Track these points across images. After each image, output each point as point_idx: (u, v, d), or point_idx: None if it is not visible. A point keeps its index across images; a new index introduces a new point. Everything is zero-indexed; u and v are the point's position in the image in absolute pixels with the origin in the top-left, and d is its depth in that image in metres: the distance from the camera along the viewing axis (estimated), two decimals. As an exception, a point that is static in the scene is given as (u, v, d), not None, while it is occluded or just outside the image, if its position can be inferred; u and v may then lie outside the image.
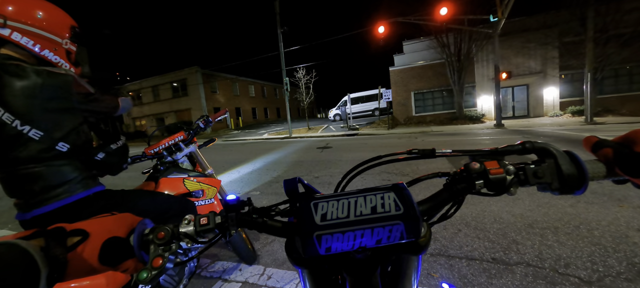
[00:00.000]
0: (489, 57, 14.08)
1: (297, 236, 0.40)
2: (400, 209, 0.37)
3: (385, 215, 0.37)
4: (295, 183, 0.46)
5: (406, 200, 0.38)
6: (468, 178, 0.43)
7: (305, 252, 0.37)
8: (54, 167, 0.93)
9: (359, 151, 7.26)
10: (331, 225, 0.36)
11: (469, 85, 15.13)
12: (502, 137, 8.43)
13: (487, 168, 0.42)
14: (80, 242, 0.36)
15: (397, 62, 17.72)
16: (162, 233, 0.40)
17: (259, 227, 0.44)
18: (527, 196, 2.87)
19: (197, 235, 0.42)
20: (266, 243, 2.33)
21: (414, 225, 0.36)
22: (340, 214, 0.37)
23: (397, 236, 0.37)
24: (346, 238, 0.36)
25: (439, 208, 0.44)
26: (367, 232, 0.36)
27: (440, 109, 16.56)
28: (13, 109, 0.85)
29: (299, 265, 0.43)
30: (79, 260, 0.35)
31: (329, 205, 0.38)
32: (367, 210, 0.37)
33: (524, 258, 1.81)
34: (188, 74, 24.47)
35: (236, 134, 19.36)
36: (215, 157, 8.31)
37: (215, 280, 1.86)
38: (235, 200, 0.44)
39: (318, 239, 0.36)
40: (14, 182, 0.93)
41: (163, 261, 0.38)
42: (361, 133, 12.60)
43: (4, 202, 4.93)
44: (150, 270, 0.37)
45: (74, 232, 0.36)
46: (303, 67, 18.37)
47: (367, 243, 0.37)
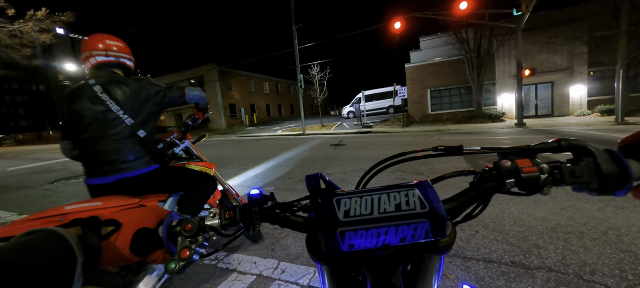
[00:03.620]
0: (511, 53, 13.49)
1: (319, 232, 0.40)
2: (426, 207, 0.36)
3: (410, 213, 0.36)
4: (318, 179, 0.45)
5: (432, 198, 0.37)
6: (498, 176, 0.41)
7: (327, 248, 0.37)
8: (130, 146, 1.37)
9: (372, 149, 7.19)
10: (355, 222, 0.36)
11: (488, 83, 14.59)
12: (523, 136, 8.09)
13: (519, 166, 0.40)
14: (114, 231, 0.37)
15: (413, 59, 17.34)
16: (189, 226, 0.41)
17: (281, 222, 0.44)
18: (550, 199, 2.75)
19: (221, 228, 0.43)
20: (280, 238, 2.37)
21: (439, 223, 0.35)
22: (363, 211, 0.37)
23: (422, 234, 0.36)
24: (370, 235, 0.36)
25: (464, 208, 0.43)
26: (391, 229, 0.36)
27: (457, 106, 16.08)
28: (121, 103, 1.34)
29: (320, 260, 0.42)
30: (112, 249, 0.37)
31: (352, 202, 0.38)
32: (391, 207, 0.37)
33: (546, 263, 1.74)
34: (205, 71, 25.08)
35: (250, 130, 19.68)
36: (230, 152, 8.49)
37: (231, 271, 1.92)
38: (259, 194, 0.45)
39: (341, 235, 0.36)
40: (103, 152, 1.32)
41: (190, 253, 0.39)
42: (375, 131, 12.47)
43: (36, 190, 5.29)
44: (178, 261, 0.38)
45: (107, 221, 0.38)
46: (317, 64, 18.37)
47: (391, 241, 0.36)
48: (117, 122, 1.34)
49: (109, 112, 1.33)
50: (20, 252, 0.27)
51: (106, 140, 1.33)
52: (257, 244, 2.28)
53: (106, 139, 1.33)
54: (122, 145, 1.35)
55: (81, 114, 1.33)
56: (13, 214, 3.81)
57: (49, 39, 11.02)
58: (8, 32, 10.16)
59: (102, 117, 1.33)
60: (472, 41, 13.54)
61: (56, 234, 0.31)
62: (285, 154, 7.34)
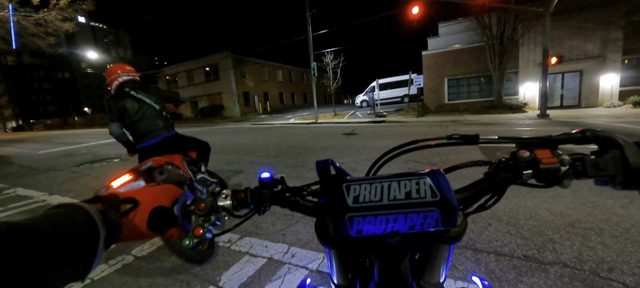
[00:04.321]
0: (536, 40, 12.71)
1: (328, 216, 0.40)
2: (437, 196, 0.36)
3: (420, 201, 0.36)
4: (328, 165, 0.45)
5: (443, 187, 0.36)
6: (515, 167, 0.40)
7: (336, 233, 0.37)
8: (161, 122, 2.33)
9: (385, 138, 7.11)
10: (363, 208, 0.36)
11: (510, 71, 13.87)
12: (545, 128, 7.72)
13: (538, 157, 0.38)
14: (132, 209, 0.39)
15: (431, 46, 16.71)
16: (203, 205, 0.43)
17: (291, 206, 0.45)
18: (570, 193, 2.64)
19: (233, 209, 0.45)
20: (291, 224, 2.42)
21: (450, 213, 0.35)
22: (373, 197, 0.37)
23: (431, 223, 0.36)
24: (378, 221, 0.36)
25: (477, 198, 0.42)
26: (400, 216, 0.36)
27: (476, 96, 15.47)
28: (150, 97, 2.31)
29: (328, 244, 0.43)
30: (130, 225, 0.39)
31: (362, 188, 0.38)
32: (401, 195, 0.37)
33: (561, 259, 1.69)
34: (219, 58, 25.31)
35: (264, 118, 19.87)
36: (244, 140, 8.65)
37: (243, 254, 1.99)
38: (269, 178, 0.46)
39: (350, 221, 0.36)
40: (147, 126, 2.27)
41: (203, 231, 0.41)
42: (388, 120, 12.28)
43: (63, 173, 5.63)
44: (192, 238, 0.40)
45: (126, 199, 0.40)
46: (331, 52, 18.10)
47: (400, 228, 0.36)
48: (151, 109, 2.31)
49: (145, 104, 2.28)
50: (51, 224, 0.29)
51: (147, 120, 2.28)
52: (266, 230, 2.35)
53: (147, 119, 2.28)
54: (156, 121, 2.32)
55: (126, 108, 2.22)
56: (45, 194, 4.10)
57: (72, 28, 11.43)
58: (34, 20, 10.61)
59: (142, 107, 2.27)
60: (495, 27, 12.81)
61: (82, 209, 0.33)
62: (297, 142, 7.39)
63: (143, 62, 69.36)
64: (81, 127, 32.34)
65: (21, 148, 11.90)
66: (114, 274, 1.87)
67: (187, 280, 1.73)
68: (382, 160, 0.54)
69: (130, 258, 2.06)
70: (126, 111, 2.20)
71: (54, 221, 0.30)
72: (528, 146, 0.41)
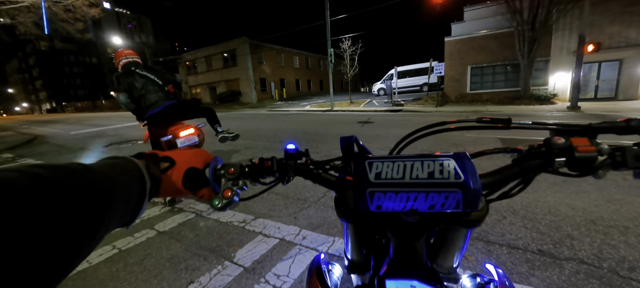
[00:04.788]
0: (572, 25, 11.78)
1: (349, 190, 0.41)
2: (461, 178, 0.35)
3: (442, 182, 0.35)
4: (352, 141, 0.46)
5: (468, 170, 0.36)
6: (547, 154, 0.38)
7: (356, 206, 0.38)
8: (162, 94, 2.72)
9: (401, 128, 6.99)
10: (385, 184, 0.37)
11: (540, 60, 12.99)
12: (575, 121, 7.26)
13: (574, 144, 0.37)
14: (169, 167, 0.43)
15: (455, 32, 15.90)
16: (232, 170, 0.46)
17: (313, 178, 0.46)
18: (595, 189, 2.52)
19: (259, 177, 0.48)
20: (303, 208, 2.49)
21: (473, 195, 0.35)
22: (394, 175, 0.37)
23: (452, 204, 0.35)
24: (399, 198, 0.36)
25: (502, 184, 0.41)
26: (421, 195, 0.36)
27: (500, 86, 14.69)
28: (154, 74, 2.74)
29: (346, 218, 0.44)
30: (168, 181, 0.43)
31: (384, 166, 0.38)
32: (423, 174, 0.36)
33: (578, 255, 1.64)
34: (237, 44, 25.49)
35: (280, 105, 20.01)
36: (261, 126, 8.80)
37: (257, 234, 2.08)
38: (295, 149, 0.47)
39: (370, 196, 0.37)
40: (152, 98, 2.67)
41: (232, 193, 0.44)
42: (405, 109, 12.00)
43: (93, 152, 6.00)
44: (221, 199, 0.44)
45: (164, 158, 0.44)
46: (349, 38, 17.70)
47: (420, 206, 0.36)
48: (154, 83, 2.73)
49: (148, 79, 2.71)
50: (113, 171, 0.32)
51: (151, 93, 2.69)
52: (279, 212, 2.43)
53: (151, 92, 2.69)
54: (159, 93, 2.72)
55: (133, 83, 2.66)
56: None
57: (98, 13, 11.95)
58: (63, 6, 11.13)
59: (146, 82, 2.70)
60: (526, 11, 11.92)
61: (132, 162, 0.36)
62: (311, 129, 7.43)
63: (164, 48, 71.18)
64: (108, 110, 34.08)
65: (55, 128, 12.77)
66: (139, 246, 2.02)
67: (205, 255, 1.85)
68: (408, 140, 0.54)
69: (153, 232, 2.21)
70: (133, 86, 2.66)
71: (114, 169, 0.32)
72: (564, 133, 0.40)
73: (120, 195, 0.31)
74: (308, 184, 2.96)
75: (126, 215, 0.33)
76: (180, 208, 2.63)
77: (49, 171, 0.24)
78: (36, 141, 8.73)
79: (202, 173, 0.45)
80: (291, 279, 1.56)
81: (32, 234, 0.19)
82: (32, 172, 0.22)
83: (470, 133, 5.23)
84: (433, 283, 0.33)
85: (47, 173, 0.23)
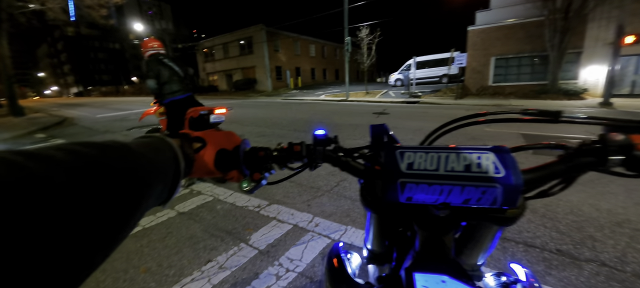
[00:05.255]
0: (610, 15, 10.87)
1: (377, 180, 0.40)
2: (501, 172, 0.33)
3: (481, 176, 0.34)
4: (382, 130, 0.46)
5: (509, 164, 0.34)
6: (601, 151, 0.35)
7: (385, 196, 0.37)
8: (183, 84, 3.21)
9: (417, 120, 6.84)
10: (417, 175, 0.35)
11: (572, 51, 12.15)
12: (606, 118, 6.81)
13: (635, 142, 0.34)
14: (201, 148, 0.44)
15: (480, 20, 15.08)
16: (262, 153, 0.46)
17: (341, 165, 0.45)
18: (624, 191, 2.39)
19: (288, 161, 0.47)
20: (316, 196, 2.53)
21: (513, 192, 0.33)
22: (428, 166, 0.36)
23: (489, 200, 0.34)
24: (432, 190, 0.35)
25: (544, 182, 0.38)
26: (456, 189, 0.34)
27: (526, 79, 13.92)
28: (177, 66, 3.21)
29: (372, 208, 0.42)
30: (201, 161, 0.44)
31: (417, 156, 0.37)
32: (459, 167, 0.35)
33: (600, 257, 1.58)
34: (254, 31, 25.54)
35: (294, 93, 20.03)
36: (276, 114, 8.88)
37: (271, 219, 2.15)
38: (324, 135, 0.46)
39: (402, 186, 0.36)
40: (175, 86, 3.14)
41: (260, 176, 0.45)
42: (423, 101, 11.70)
43: (117, 135, 6.29)
44: (250, 181, 0.44)
45: (196, 138, 0.45)
46: (367, 26, 17.28)
47: (453, 200, 0.35)
48: (177, 74, 3.17)
49: (174, 70, 3.15)
50: (150, 150, 0.32)
51: (175, 83, 3.15)
52: (293, 200, 2.48)
53: (175, 82, 3.15)
54: (180, 84, 3.19)
55: (160, 71, 3.07)
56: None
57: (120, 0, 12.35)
58: (87, -8, 11.56)
59: (172, 72, 3.14)
60: (559, -2, 11.10)
61: (166, 141, 0.37)
62: (326, 119, 7.42)
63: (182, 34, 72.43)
64: (130, 94, 35.44)
65: (82, 111, 13.47)
66: (160, 225, 2.14)
67: (222, 236, 1.93)
68: (442, 131, 0.51)
69: (174, 213, 2.33)
70: (161, 73, 3.08)
71: (151, 148, 0.32)
72: (622, 129, 0.36)
73: (158, 174, 0.31)
74: (321, 173, 2.99)
75: (163, 193, 0.33)
76: (199, 191, 2.75)
77: (91, 149, 0.24)
78: (66, 123, 9.27)
79: (232, 155, 0.45)
80: (304, 263, 1.61)
81: (76, 212, 0.19)
82: (75, 150, 0.22)
83: (490, 127, 5.04)
84: (465, 280, 0.31)
85: (90, 151, 0.23)
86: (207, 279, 1.52)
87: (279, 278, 1.51)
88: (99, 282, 1.52)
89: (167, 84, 3.10)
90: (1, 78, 11.01)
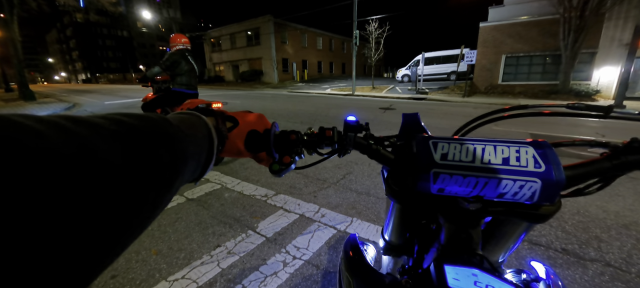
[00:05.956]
0: (628, 15, 10.56)
1: (408, 169, 0.39)
2: (541, 167, 0.32)
3: (520, 169, 0.33)
4: (415, 119, 0.45)
5: (551, 159, 0.33)
6: None
7: (416, 187, 0.36)
8: (196, 81, 3.66)
9: (424, 117, 6.80)
10: (452, 166, 0.34)
11: (586, 52, 11.85)
12: (616, 122, 6.68)
13: None
14: (233, 127, 0.45)
15: (492, 17, 14.74)
16: (294, 136, 0.45)
17: (371, 153, 0.44)
18: (633, 194, 2.37)
19: (318, 146, 0.47)
20: (322, 188, 2.56)
21: (553, 188, 0.32)
22: (463, 157, 0.35)
23: (526, 194, 0.33)
24: (466, 182, 0.34)
25: (584, 179, 0.37)
26: (492, 182, 0.33)
27: (537, 78, 13.65)
28: (196, 63, 3.62)
29: (396, 198, 0.41)
30: (232, 141, 0.44)
31: (451, 147, 0.36)
32: (497, 159, 0.34)
33: (605, 258, 1.59)
34: (261, 22, 25.38)
35: (301, 86, 19.98)
36: (281, 106, 8.89)
37: (278, 208, 2.19)
38: (355, 122, 0.45)
39: (435, 176, 0.35)
40: (192, 81, 3.56)
41: (291, 160, 0.44)
42: (430, 98, 11.60)
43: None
44: (280, 164, 0.44)
45: (229, 117, 0.46)
46: (376, 20, 17.05)
47: (488, 194, 0.34)
48: (194, 71, 3.56)
49: (193, 66, 3.53)
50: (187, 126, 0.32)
51: (193, 78, 3.55)
52: (299, 190, 2.51)
53: (193, 78, 3.55)
54: (193, 80, 3.56)
55: (179, 62, 3.38)
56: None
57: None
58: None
59: (192, 69, 3.51)
60: (576, -5, 10.77)
61: (202, 119, 0.37)
62: (332, 113, 7.42)
63: (190, 23, 72.34)
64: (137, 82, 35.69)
65: (91, 98, 13.66)
66: (170, 210, 2.19)
67: (230, 223, 1.98)
68: (477, 123, 0.50)
69: (183, 199, 2.38)
70: (179, 65, 3.38)
71: (187, 124, 0.33)
72: None
73: (193, 150, 0.31)
74: (327, 166, 3.02)
75: (196, 170, 0.33)
76: (207, 179, 2.80)
77: (134, 119, 0.24)
78: (75, 108, 9.42)
79: (262, 136, 0.45)
80: (310, 252, 1.65)
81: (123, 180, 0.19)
82: (118, 119, 0.23)
83: (497, 125, 5.00)
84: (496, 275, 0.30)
85: (133, 121, 0.24)
86: (216, 263, 1.57)
87: (286, 265, 1.55)
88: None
89: (182, 76, 3.43)
90: (12, 62, 11.18)
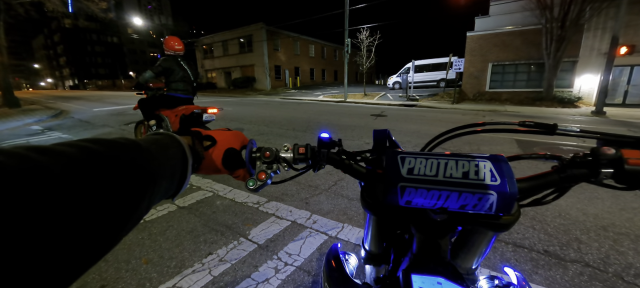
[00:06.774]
0: (606, 25, 11.11)
1: (378, 183, 0.41)
2: (497, 180, 0.35)
3: (477, 183, 0.35)
4: (385, 135, 0.48)
5: (505, 173, 0.35)
6: (593, 164, 0.37)
7: (385, 199, 0.38)
8: (190, 87, 3.71)
9: (414, 123, 6.93)
10: (417, 180, 0.36)
11: (568, 60, 12.38)
12: (599, 127, 6.97)
13: (625, 156, 0.35)
14: (211, 146, 0.46)
15: (479, 26, 15.30)
16: (268, 153, 0.47)
17: (344, 168, 0.46)
18: (611, 197, 2.48)
19: (293, 162, 0.48)
20: (314, 194, 2.58)
21: (508, 200, 0.34)
22: (427, 172, 0.37)
23: (484, 206, 0.35)
24: (430, 195, 0.36)
25: (538, 191, 0.40)
26: (453, 194, 0.35)
27: (522, 86, 14.15)
28: (190, 69, 3.69)
29: (371, 211, 0.43)
30: (209, 159, 0.46)
31: (417, 161, 0.38)
32: (458, 173, 0.36)
33: (584, 258, 1.66)
34: (254, 30, 25.50)
35: (293, 93, 20.06)
36: (273, 113, 8.91)
37: (270, 215, 2.20)
38: (328, 138, 0.47)
39: (401, 190, 0.37)
40: (185, 86, 3.62)
41: (266, 176, 0.45)
42: (420, 104, 11.82)
43: (115, 129, 6.27)
44: (256, 180, 0.45)
45: (206, 137, 0.47)
46: (367, 28, 17.38)
47: (450, 205, 0.36)
48: (188, 76, 3.61)
49: (186, 72, 3.58)
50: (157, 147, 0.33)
51: (188, 84, 3.63)
52: (291, 197, 2.53)
53: (188, 83, 3.63)
54: (187, 86, 3.62)
55: (172, 69, 3.43)
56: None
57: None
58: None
59: (185, 74, 3.56)
60: (557, 7, 11.27)
61: (175, 139, 0.38)
62: (324, 120, 7.48)
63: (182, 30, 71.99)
64: (127, 89, 35.16)
65: (79, 104, 13.37)
66: (161, 218, 2.17)
67: (222, 231, 1.98)
68: (444, 138, 0.53)
69: (174, 207, 2.36)
70: (172, 71, 3.45)
71: (159, 145, 0.34)
72: (614, 143, 0.38)
73: (165, 171, 0.33)
74: (320, 172, 3.04)
75: (170, 188, 0.35)
76: (199, 186, 2.79)
77: (99, 145, 0.25)
78: (61, 116, 9.20)
79: (239, 154, 0.47)
80: (302, 258, 1.67)
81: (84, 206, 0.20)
82: (87, 147, 0.24)
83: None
84: (460, 282, 0.32)
85: (101, 148, 0.25)
86: (208, 271, 1.57)
87: (278, 271, 1.56)
88: (102, 272, 1.55)
89: (176, 82, 3.51)
90: (-3, 68, 10.88)
